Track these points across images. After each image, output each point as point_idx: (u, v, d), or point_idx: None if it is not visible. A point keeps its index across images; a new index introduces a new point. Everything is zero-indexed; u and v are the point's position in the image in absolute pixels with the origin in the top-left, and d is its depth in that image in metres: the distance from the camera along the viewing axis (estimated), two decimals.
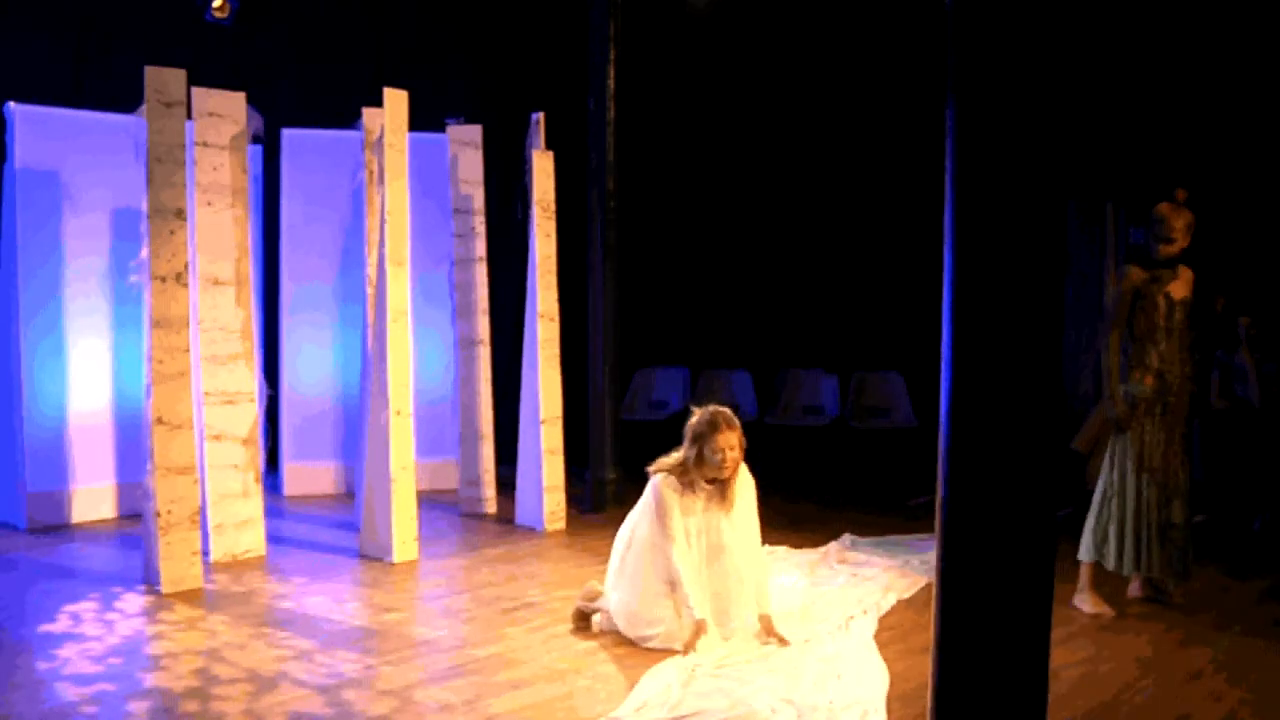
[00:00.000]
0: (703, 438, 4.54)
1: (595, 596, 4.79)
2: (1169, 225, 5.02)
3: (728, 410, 4.61)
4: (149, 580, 5.29)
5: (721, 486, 4.60)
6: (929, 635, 2.67)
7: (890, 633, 4.67)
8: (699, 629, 4.39)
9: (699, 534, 4.57)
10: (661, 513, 4.54)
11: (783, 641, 4.44)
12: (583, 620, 4.75)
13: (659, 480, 4.60)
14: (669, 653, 4.34)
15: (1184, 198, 5.07)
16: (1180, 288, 5.08)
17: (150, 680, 4.05)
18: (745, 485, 4.67)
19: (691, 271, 9.09)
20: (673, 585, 4.49)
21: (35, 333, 6.54)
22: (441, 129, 7.28)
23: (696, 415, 4.63)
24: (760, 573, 4.64)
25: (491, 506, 7.13)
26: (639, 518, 4.66)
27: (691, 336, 9.00)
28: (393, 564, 5.81)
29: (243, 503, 5.95)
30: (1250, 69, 7.03)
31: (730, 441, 4.53)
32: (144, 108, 5.30)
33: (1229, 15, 7.02)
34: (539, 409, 6.64)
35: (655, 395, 8.93)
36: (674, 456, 4.64)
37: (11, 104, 6.47)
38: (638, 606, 4.53)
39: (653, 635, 4.46)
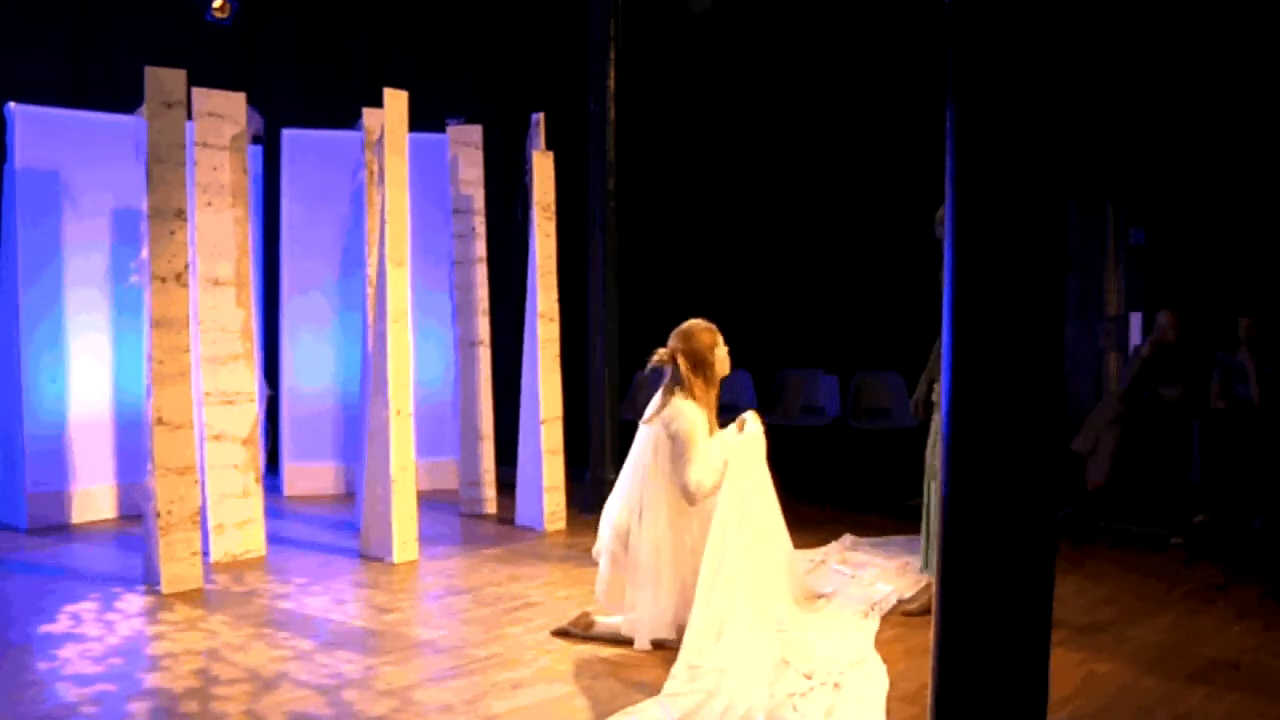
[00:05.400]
0: (708, 348, 4.69)
1: (589, 625, 4.62)
2: None
3: (697, 319, 4.75)
4: (149, 580, 5.30)
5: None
6: (929, 635, 2.68)
7: (890, 633, 4.68)
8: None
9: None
10: (692, 434, 4.50)
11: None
12: (564, 636, 4.63)
13: (685, 408, 4.57)
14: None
15: None
16: None
17: (150, 680, 4.05)
18: None
19: (691, 272, 9.08)
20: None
21: (35, 333, 6.54)
22: (442, 129, 7.28)
23: (695, 335, 4.70)
24: None
25: (492, 507, 7.13)
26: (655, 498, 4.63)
27: None
28: (393, 564, 5.82)
29: (243, 503, 5.96)
30: (1250, 69, 7.04)
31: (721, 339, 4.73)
32: (144, 108, 5.30)
33: (1228, 15, 7.02)
34: (539, 409, 6.64)
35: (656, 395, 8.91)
36: (679, 391, 4.64)
37: (11, 104, 6.47)
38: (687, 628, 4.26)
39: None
